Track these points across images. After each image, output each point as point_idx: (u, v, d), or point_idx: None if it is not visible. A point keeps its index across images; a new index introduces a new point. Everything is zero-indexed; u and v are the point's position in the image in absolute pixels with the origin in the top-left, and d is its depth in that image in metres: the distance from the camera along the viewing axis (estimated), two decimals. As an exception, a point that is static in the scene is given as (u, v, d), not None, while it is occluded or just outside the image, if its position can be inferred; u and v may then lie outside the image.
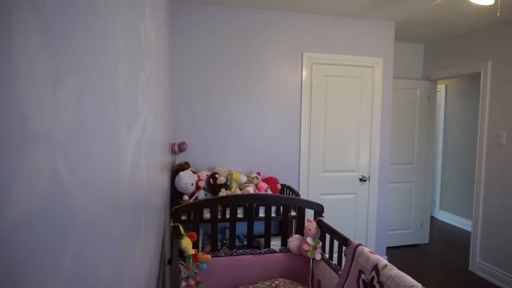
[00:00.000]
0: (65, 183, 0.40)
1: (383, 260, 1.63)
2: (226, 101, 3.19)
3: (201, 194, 2.79)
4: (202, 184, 2.80)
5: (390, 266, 1.56)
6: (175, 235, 1.89)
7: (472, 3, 2.70)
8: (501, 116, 3.42)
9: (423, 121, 4.39)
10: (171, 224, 1.98)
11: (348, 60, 3.45)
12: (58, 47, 0.39)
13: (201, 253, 2.00)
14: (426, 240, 4.54)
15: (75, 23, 0.44)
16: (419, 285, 1.37)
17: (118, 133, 0.64)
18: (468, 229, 4.93)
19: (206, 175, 2.91)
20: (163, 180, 2.08)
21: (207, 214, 2.65)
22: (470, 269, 3.73)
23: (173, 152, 3.00)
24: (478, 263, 3.64)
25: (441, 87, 5.58)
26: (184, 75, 3.09)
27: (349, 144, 3.54)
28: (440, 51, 4.23)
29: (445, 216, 5.57)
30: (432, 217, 5.63)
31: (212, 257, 2.11)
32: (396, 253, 4.17)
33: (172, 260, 1.61)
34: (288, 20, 3.29)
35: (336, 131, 3.50)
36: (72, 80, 0.43)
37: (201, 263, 1.93)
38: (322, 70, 3.42)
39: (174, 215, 2.00)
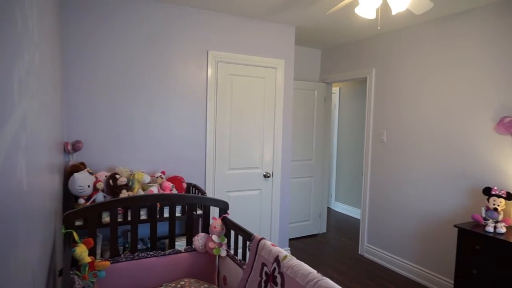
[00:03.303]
0: None
1: (283, 252, 1.72)
2: (128, 97, 3.01)
3: (100, 197, 2.58)
4: (100, 185, 2.59)
5: (290, 256, 1.66)
6: (68, 243, 1.72)
7: (358, 15, 3.02)
8: (382, 117, 3.91)
9: (320, 121, 4.76)
10: (63, 231, 1.80)
11: (252, 60, 3.56)
12: None
13: (99, 260, 1.86)
14: (324, 230, 4.95)
15: None
16: (315, 271, 1.49)
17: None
18: (359, 217, 5.53)
19: (105, 176, 2.71)
20: (53, 183, 1.87)
21: (106, 218, 2.47)
22: (359, 252, 4.19)
23: (66, 151, 2.72)
24: (366, 247, 4.11)
25: (335, 89, 6.13)
26: (80, 68, 2.82)
27: (253, 141, 3.66)
28: (334, 56, 4.64)
29: (340, 207, 6.15)
30: (329, 208, 6.17)
31: (111, 263, 1.98)
32: (297, 244, 4.46)
33: (63, 270, 1.46)
34: (195, 16, 3.24)
35: (241, 129, 3.59)
36: None
37: (98, 271, 1.79)
38: (227, 68, 3.46)
39: (66, 221, 1.82)
